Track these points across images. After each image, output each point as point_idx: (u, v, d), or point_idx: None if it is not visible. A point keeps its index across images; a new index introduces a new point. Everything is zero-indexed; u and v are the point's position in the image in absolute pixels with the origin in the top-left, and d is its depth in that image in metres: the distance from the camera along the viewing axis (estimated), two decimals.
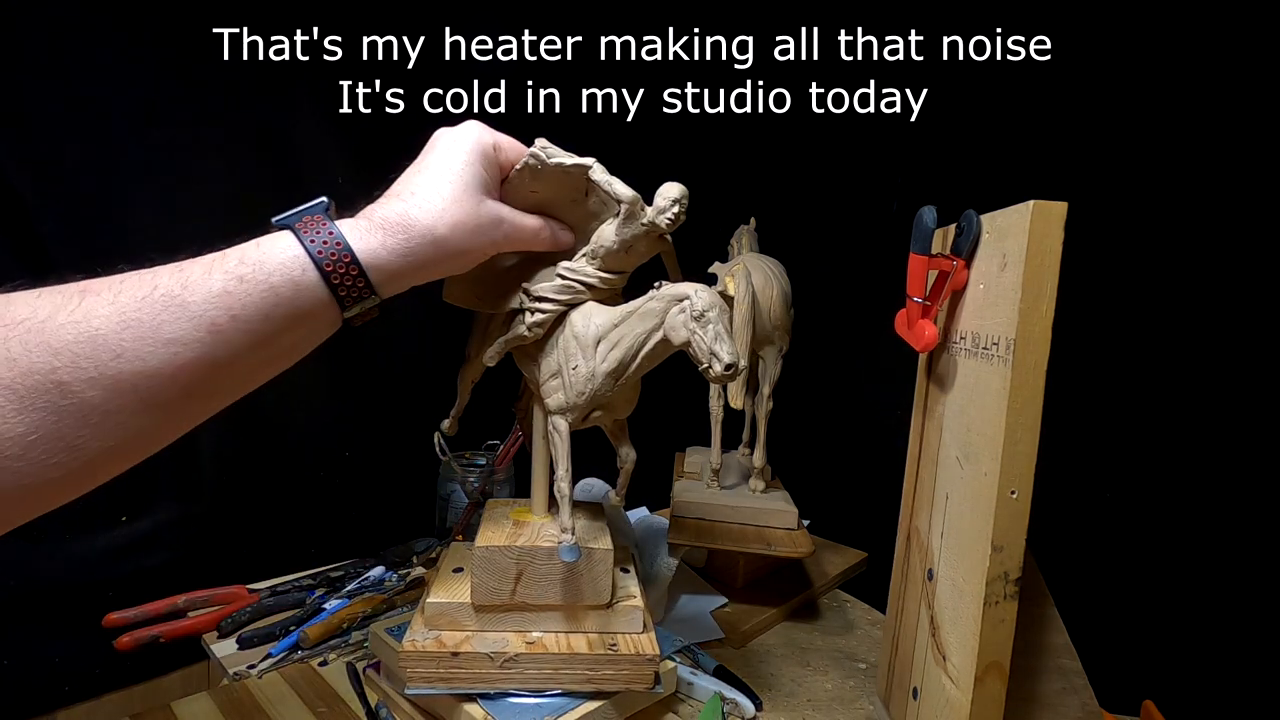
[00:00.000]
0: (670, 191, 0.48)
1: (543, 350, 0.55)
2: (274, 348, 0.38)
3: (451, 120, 0.47)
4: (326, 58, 0.85)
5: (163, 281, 0.34)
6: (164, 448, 0.37)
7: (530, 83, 1.04)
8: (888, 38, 1.07)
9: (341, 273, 0.38)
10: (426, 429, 0.85)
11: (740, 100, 1.26)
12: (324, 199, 0.41)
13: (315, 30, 0.83)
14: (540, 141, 0.49)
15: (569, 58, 1.09)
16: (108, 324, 0.32)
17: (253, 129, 0.80)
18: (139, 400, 0.33)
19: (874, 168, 1.11)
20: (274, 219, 0.40)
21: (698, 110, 1.24)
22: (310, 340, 0.40)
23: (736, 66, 1.24)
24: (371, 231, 0.40)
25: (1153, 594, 0.80)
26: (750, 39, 1.23)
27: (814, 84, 1.18)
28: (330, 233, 0.39)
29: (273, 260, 0.37)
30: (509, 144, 0.49)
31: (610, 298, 0.54)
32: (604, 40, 1.14)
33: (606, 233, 0.52)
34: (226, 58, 0.77)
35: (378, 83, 0.89)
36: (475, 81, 0.97)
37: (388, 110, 0.90)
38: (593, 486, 0.83)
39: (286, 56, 0.81)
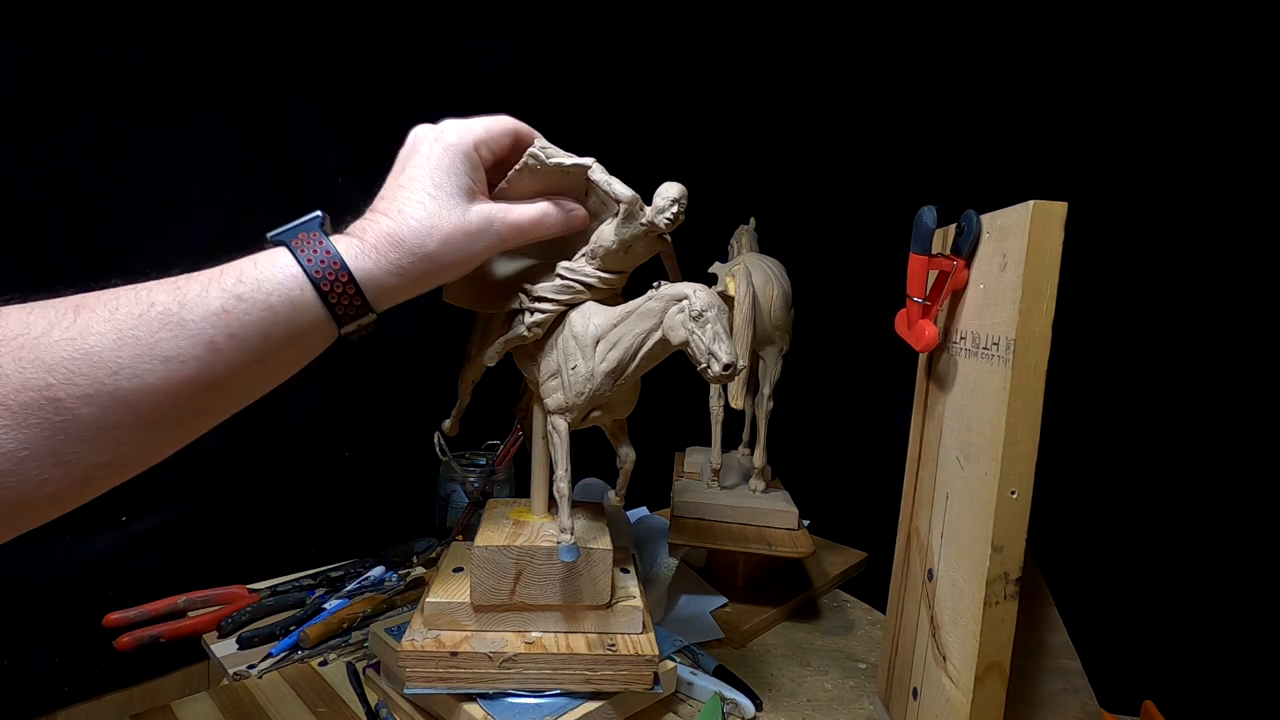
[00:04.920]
0: (669, 191, 0.48)
1: (542, 350, 0.55)
2: (270, 364, 0.38)
3: (448, 116, 0.47)
4: (326, 58, 0.85)
5: (159, 298, 0.34)
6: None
7: (530, 82, 1.04)
8: (887, 37, 1.07)
9: (339, 292, 0.38)
10: (426, 429, 0.85)
11: (740, 100, 1.26)
12: (319, 213, 0.41)
13: (315, 31, 0.83)
14: (539, 141, 0.49)
15: (569, 56, 1.09)
16: (104, 340, 0.32)
17: (253, 129, 0.80)
18: (135, 417, 0.33)
19: (874, 168, 1.11)
20: (269, 235, 0.40)
21: (698, 110, 1.25)
22: (305, 356, 0.40)
23: (737, 66, 1.25)
24: (365, 252, 0.40)
25: (1153, 594, 0.80)
26: (750, 38, 1.24)
27: (814, 84, 1.18)
28: (327, 251, 0.38)
29: (271, 280, 0.37)
30: (490, 135, 0.47)
31: (609, 298, 0.54)
32: (604, 40, 1.14)
33: (606, 233, 0.52)
34: (226, 58, 0.77)
35: (378, 84, 0.89)
36: (475, 81, 0.97)
37: (388, 110, 0.90)
38: (593, 486, 0.83)
39: (287, 57, 0.81)
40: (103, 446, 0.33)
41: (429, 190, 0.43)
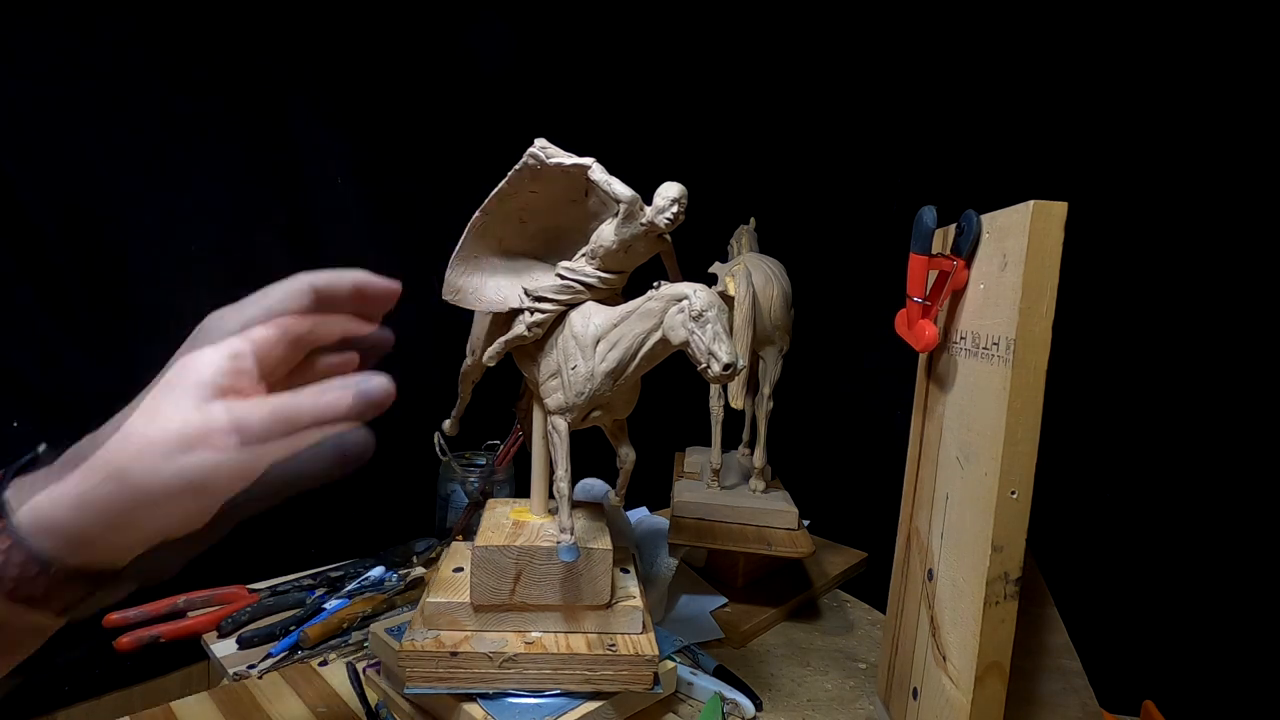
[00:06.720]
0: (669, 191, 0.48)
1: (542, 350, 0.55)
2: None
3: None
4: (326, 59, 0.85)
5: None
6: None
7: (531, 83, 1.04)
8: (887, 37, 1.07)
9: None
10: (426, 429, 0.85)
11: (740, 100, 1.26)
12: (43, 445, 0.32)
13: (315, 32, 0.83)
14: (540, 142, 0.49)
15: (569, 56, 1.09)
16: None
17: (253, 131, 0.80)
18: None
19: (874, 168, 1.11)
20: None
21: (698, 110, 1.25)
22: None
23: (737, 66, 1.25)
24: (46, 478, 0.30)
25: (1153, 594, 0.80)
26: (750, 38, 1.23)
27: (814, 84, 1.18)
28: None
29: None
30: (278, 303, 0.36)
31: (609, 298, 0.54)
32: (604, 39, 1.14)
33: (606, 233, 0.52)
34: (227, 60, 0.77)
35: (378, 85, 0.89)
36: (475, 82, 0.97)
37: (388, 111, 0.90)
38: (593, 486, 0.83)
39: (287, 58, 0.81)
40: None
41: (156, 395, 0.31)
